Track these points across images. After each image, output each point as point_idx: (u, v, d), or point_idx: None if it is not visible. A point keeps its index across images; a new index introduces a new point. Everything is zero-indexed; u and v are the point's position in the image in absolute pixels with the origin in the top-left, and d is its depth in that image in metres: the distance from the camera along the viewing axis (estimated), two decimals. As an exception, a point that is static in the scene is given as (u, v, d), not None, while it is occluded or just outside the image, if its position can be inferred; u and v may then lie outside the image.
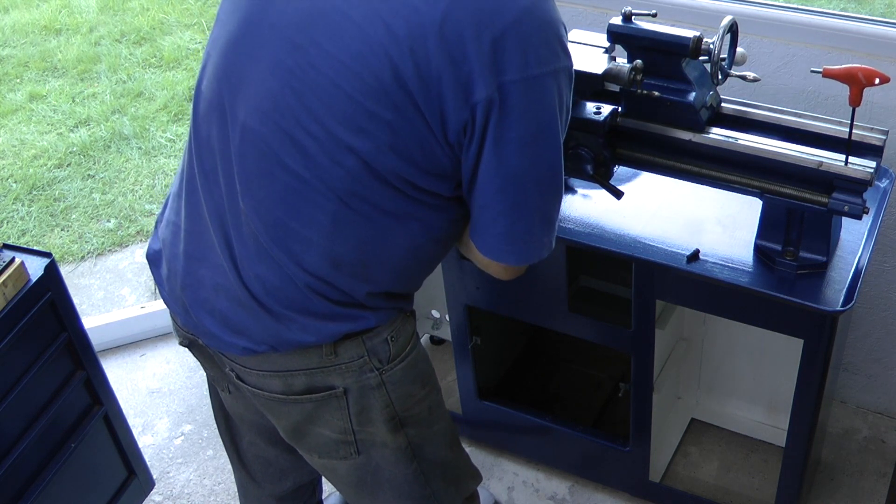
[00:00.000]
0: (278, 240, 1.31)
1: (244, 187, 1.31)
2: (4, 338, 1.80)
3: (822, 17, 2.01)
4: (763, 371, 2.23)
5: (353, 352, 1.39)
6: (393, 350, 1.42)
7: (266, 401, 1.46)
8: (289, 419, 1.47)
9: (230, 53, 1.32)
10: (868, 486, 2.29)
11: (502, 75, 1.18)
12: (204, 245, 1.39)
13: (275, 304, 1.35)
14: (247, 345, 1.38)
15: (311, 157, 1.25)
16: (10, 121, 4.11)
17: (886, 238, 2.16)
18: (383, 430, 1.47)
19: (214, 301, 1.39)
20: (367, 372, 1.41)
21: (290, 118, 1.25)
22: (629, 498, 2.28)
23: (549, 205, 1.33)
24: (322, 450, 1.50)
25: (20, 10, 5.08)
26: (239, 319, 1.37)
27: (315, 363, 1.39)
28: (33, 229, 3.46)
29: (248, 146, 1.30)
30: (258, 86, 1.27)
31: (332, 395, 1.41)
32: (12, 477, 1.87)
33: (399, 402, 1.46)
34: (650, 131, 1.72)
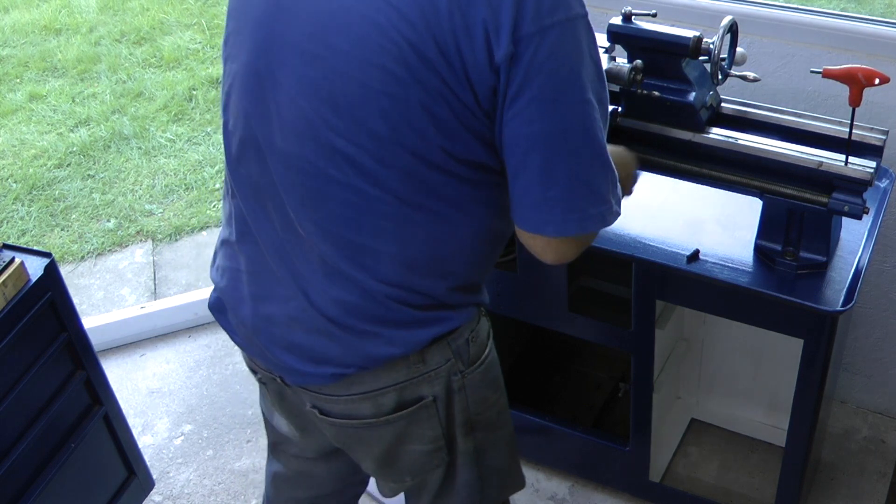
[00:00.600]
0: (348, 257, 1.28)
1: (299, 214, 1.28)
2: (4, 338, 1.80)
3: (822, 17, 2.01)
4: (763, 371, 2.23)
5: (440, 356, 1.37)
6: (472, 352, 1.41)
7: (356, 430, 1.42)
8: (380, 444, 1.44)
9: (250, 84, 1.29)
10: (868, 486, 2.29)
11: (518, 31, 1.14)
12: (268, 283, 1.36)
13: (357, 323, 1.31)
14: (334, 371, 1.34)
15: (360, 165, 1.22)
16: (10, 121, 4.11)
17: (886, 238, 2.16)
18: (458, 434, 1.46)
19: (290, 336, 1.36)
20: (452, 375, 1.39)
21: (328, 131, 1.22)
22: (629, 498, 2.28)
23: (587, 169, 1.22)
24: (415, 468, 1.47)
25: (20, 10, 5.08)
26: (321, 348, 1.34)
27: (404, 376, 1.36)
28: (33, 229, 3.46)
29: (293, 172, 1.26)
30: (288, 109, 1.24)
31: (422, 406, 1.39)
32: (12, 477, 1.87)
33: (474, 406, 1.45)
34: (650, 131, 1.72)
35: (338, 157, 1.22)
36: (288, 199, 1.29)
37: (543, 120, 1.18)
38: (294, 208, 1.28)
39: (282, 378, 1.43)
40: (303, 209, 1.27)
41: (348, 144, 1.21)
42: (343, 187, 1.24)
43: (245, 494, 2.40)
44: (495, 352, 1.48)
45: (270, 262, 1.35)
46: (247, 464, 2.47)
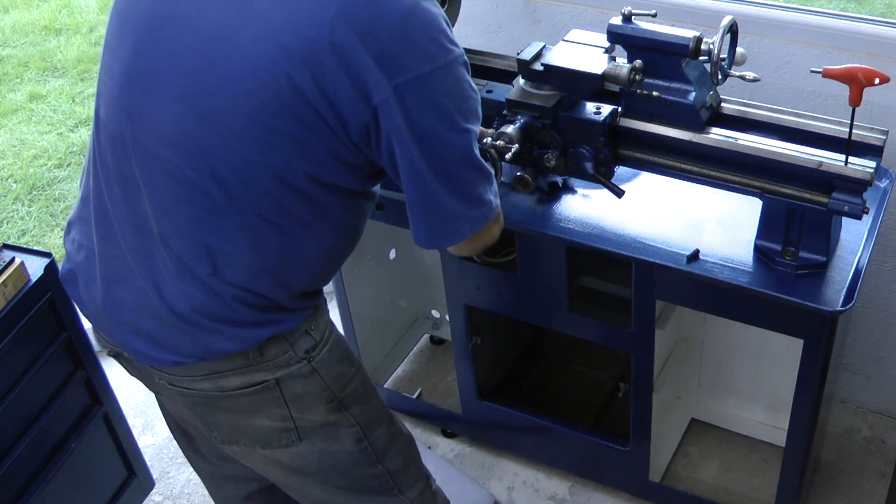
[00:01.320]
0: (201, 258, 1.35)
1: (160, 213, 1.35)
2: (4, 338, 1.80)
3: (822, 17, 2.01)
4: (763, 371, 2.23)
5: (276, 349, 1.43)
6: (315, 338, 1.47)
7: (200, 399, 1.49)
8: (226, 416, 1.50)
9: (126, 84, 1.34)
10: (868, 486, 2.29)
11: (395, 78, 1.24)
12: (121, 269, 1.42)
13: (201, 319, 1.38)
14: (176, 359, 1.42)
15: (225, 180, 1.29)
16: (10, 121, 4.11)
17: (886, 238, 2.16)
18: (325, 414, 1.51)
19: (138, 322, 1.42)
20: (293, 364, 1.45)
21: (200, 143, 1.28)
22: (629, 498, 2.28)
23: (472, 184, 1.36)
24: (264, 440, 1.52)
25: (20, 10, 5.08)
26: (166, 337, 1.41)
27: (242, 364, 1.43)
28: (33, 229, 3.46)
29: (159, 173, 1.33)
30: (163, 114, 1.30)
31: (264, 387, 1.45)
32: (13, 476, 1.87)
33: (335, 384, 1.50)
34: (650, 131, 1.72)
35: (205, 169, 1.30)
36: (151, 198, 1.35)
37: (433, 150, 1.30)
38: (156, 207, 1.35)
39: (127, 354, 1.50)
40: (164, 210, 1.34)
41: (217, 160, 1.29)
42: (205, 196, 1.31)
43: (245, 494, 2.40)
44: (337, 330, 1.55)
45: (126, 249, 1.40)
46: (247, 464, 2.47)
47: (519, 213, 1.88)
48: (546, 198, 1.91)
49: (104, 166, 1.41)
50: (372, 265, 2.41)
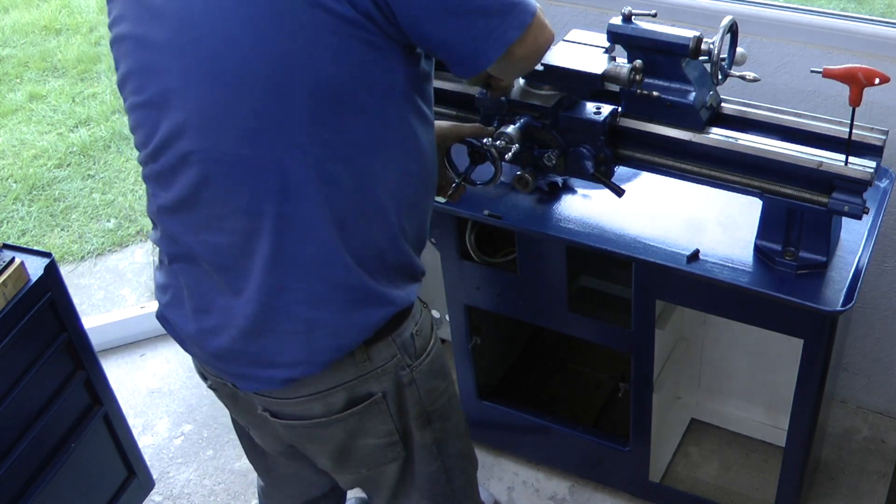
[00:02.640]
0: (279, 235, 1.27)
1: (220, 215, 1.29)
2: (4, 338, 1.80)
3: (822, 17, 2.01)
4: (763, 371, 2.23)
5: (385, 353, 1.39)
6: (418, 345, 1.43)
7: (307, 430, 1.44)
8: (333, 441, 1.46)
9: (144, 111, 1.31)
10: (868, 486, 2.29)
11: None
12: (208, 293, 1.37)
13: (301, 311, 1.32)
14: (284, 374, 1.36)
15: (272, 124, 1.22)
16: (10, 121, 4.11)
17: (886, 238, 2.16)
18: (413, 427, 1.49)
19: (236, 344, 1.36)
20: (399, 370, 1.42)
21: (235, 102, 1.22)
22: (629, 498, 2.28)
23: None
24: (370, 461, 1.50)
25: (20, 10, 5.08)
26: (268, 351, 1.35)
27: (352, 375, 1.38)
28: (33, 229, 3.46)
29: (212, 170, 1.27)
30: (194, 102, 1.24)
31: (372, 402, 1.42)
32: (12, 477, 1.87)
33: (427, 398, 1.47)
34: (650, 131, 1.72)
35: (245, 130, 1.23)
36: (212, 199, 1.28)
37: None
38: (219, 208, 1.28)
39: (233, 383, 1.45)
40: (224, 208, 1.28)
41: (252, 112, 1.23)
42: (259, 166, 1.25)
43: (245, 494, 2.40)
44: (439, 342, 1.52)
45: (211, 271, 1.35)
46: (247, 464, 2.47)
47: (519, 212, 1.88)
48: (546, 198, 1.91)
49: (170, 198, 1.33)
50: (372, 265, 2.41)
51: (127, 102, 1.35)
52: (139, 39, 1.29)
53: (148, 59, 1.28)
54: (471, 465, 1.67)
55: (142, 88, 1.30)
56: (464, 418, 1.62)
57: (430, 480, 1.56)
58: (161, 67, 1.26)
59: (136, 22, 1.29)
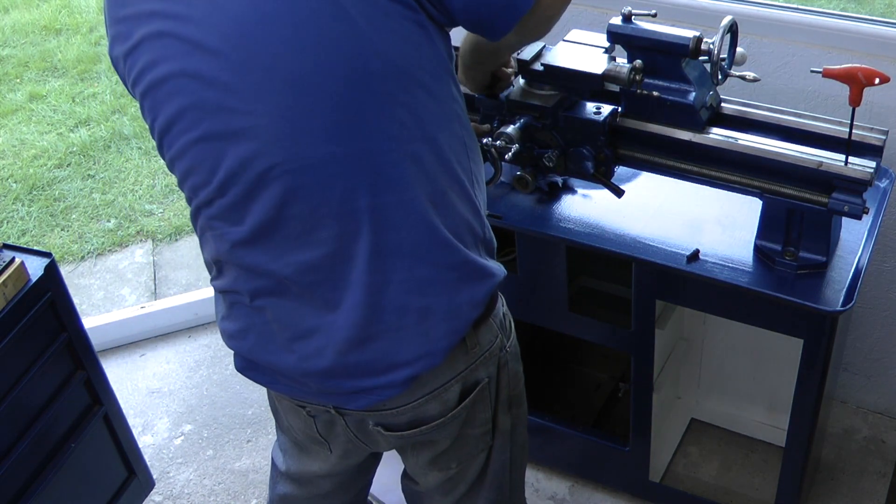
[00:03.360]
0: (376, 228, 1.25)
1: (313, 225, 1.25)
2: (4, 338, 1.80)
3: (822, 17, 2.01)
4: (763, 371, 2.23)
5: (489, 335, 1.40)
6: (507, 324, 1.45)
7: (424, 434, 1.42)
8: (447, 440, 1.45)
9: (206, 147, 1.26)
10: (868, 486, 2.29)
11: None
12: (302, 320, 1.32)
13: (411, 301, 1.29)
14: (404, 374, 1.32)
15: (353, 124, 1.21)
16: (10, 121, 4.11)
17: (886, 238, 2.16)
18: (501, 413, 1.49)
19: (346, 359, 1.32)
20: (500, 352, 1.43)
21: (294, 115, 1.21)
22: (629, 498, 2.28)
23: None
24: (464, 453, 1.49)
25: (20, 10, 5.08)
26: (382, 356, 1.32)
27: (463, 365, 1.38)
28: (33, 229, 3.46)
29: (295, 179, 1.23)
30: (260, 120, 1.21)
31: (480, 388, 1.42)
32: (12, 477, 1.87)
33: (513, 381, 1.49)
34: (650, 131, 1.72)
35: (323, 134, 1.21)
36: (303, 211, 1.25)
37: None
38: (311, 218, 1.25)
39: (335, 407, 1.41)
40: (315, 217, 1.24)
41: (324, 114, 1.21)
42: (344, 160, 1.23)
43: (245, 494, 2.40)
44: None
45: (298, 294, 1.30)
46: (247, 464, 2.47)
47: (519, 213, 1.88)
48: (546, 198, 1.91)
49: (233, 231, 1.30)
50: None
51: (177, 145, 1.28)
52: (190, 75, 1.22)
53: (204, 91, 1.21)
54: (526, 456, 1.67)
55: (199, 122, 1.23)
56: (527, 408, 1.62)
57: (501, 469, 1.55)
58: (222, 95, 1.21)
59: (181, 59, 1.22)
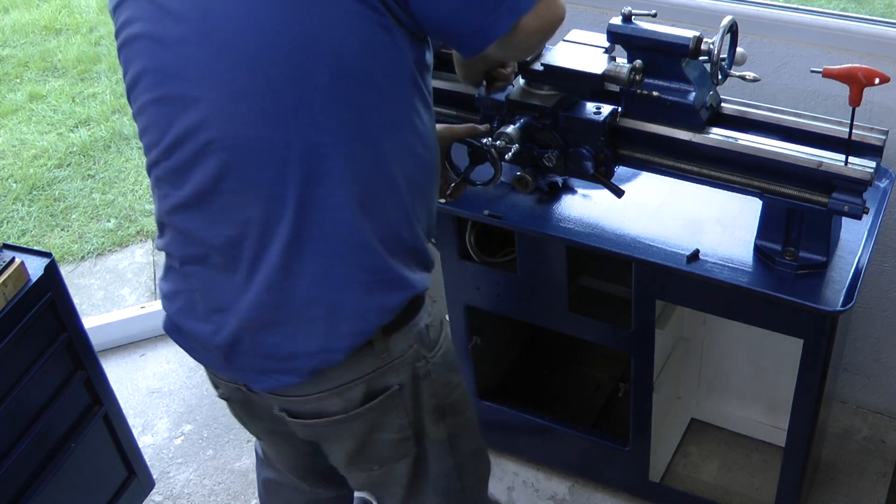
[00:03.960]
0: (301, 215, 1.27)
1: (239, 204, 1.28)
2: (4, 338, 1.80)
3: (822, 17, 2.01)
4: (763, 371, 2.23)
5: (403, 343, 1.40)
6: (433, 336, 1.44)
7: (326, 427, 1.44)
8: (351, 438, 1.46)
9: (163, 108, 1.30)
10: (868, 486, 2.29)
11: None
12: (224, 292, 1.35)
13: (323, 294, 1.31)
14: (306, 365, 1.35)
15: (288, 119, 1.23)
16: (10, 121, 4.11)
17: (886, 238, 2.16)
18: (428, 422, 1.49)
19: (255, 339, 1.36)
20: (416, 362, 1.42)
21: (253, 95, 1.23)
22: (629, 498, 2.28)
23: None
24: (384, 457, 1.50)
25: (20, 10, 5.08)
26: (288, 343, 1.34)
27: (370, 367, 1.38)
28: (33, 229, 3.46)
29: (232, 159, 1.26)
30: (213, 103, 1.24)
31: (389, 395, 1.42)
32: (13, 477, 1.87)
33: (441, 392, 1.48)
34: (650, 131, 1.72)
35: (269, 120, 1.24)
36: (228, 190, 1.28)
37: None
38: (238, 196, 1.28)
39: (246, 386, 1.44)
40: (244, 196, 1.27)
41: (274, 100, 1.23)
42: (282, 146, 1.25)
43: (245, 494, 2.40)
44: (450, 336, 1.52)
45: (223, 266, 1.33)
46: (247, 464, 2.47)
47: (519, 213, 1.88)
48: (546, 198, 1.91)
49: (174, 194, 1.33)
50: (372, 265, 2.41)
51: (138, 102, 1.33)
52: (155, 38, 1.28)
53: (165, 55, 1.27)
54: (483, 463, 1.67)
55: (157, 85, 1.29)
56: (476, 415, 1.62)
57: (443, 476, 1.56)
58: (180, 62, 1.26)
59: (150, 21, 1.28)
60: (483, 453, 1.66)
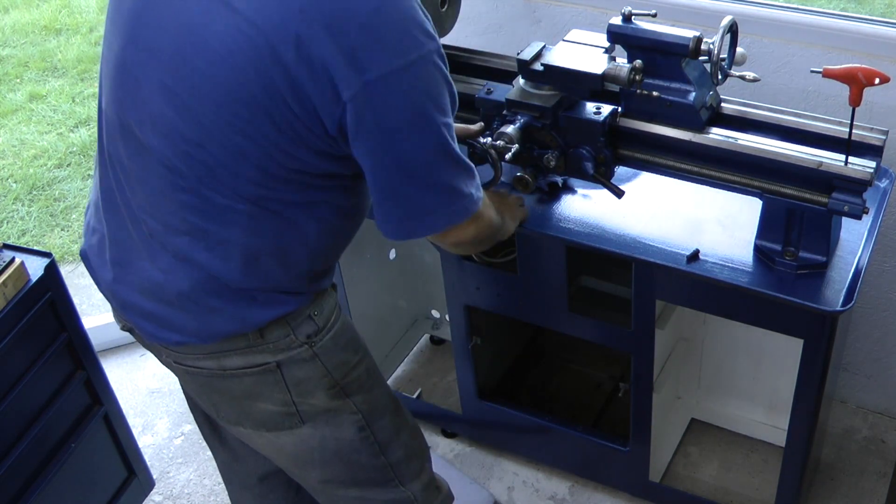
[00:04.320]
0: (199, 244, 1.36)
1: (153, 202, 1.37)
2: (4, 338, 1.81)
3: (822, 17, 2.01)
4: (763, 371, 2.23)
5: (278, 332, 1.45)
6: (319, 323, 1.48)
7: (206, 378, 1.51)
8: (230, 394, 1.51)
9: (118, 76, 1.35)
10: (868, 486, 2.29)
11: (365, 74, 1.21)
12: (128, 251, 1.45)
13: (202, 299, 1.40)
14: (180, 339, 1.45)
15: (213, 169, 1.30)
16: (10, 121, 4.11)
17: (886, 238, 2.16)
18: (326, 400, 1.52)
19: (143, 303, 1.45)
20: (295, 347, 1.46)
21: (185, 135, 1.29)
22: (629, 498, 2.28)
23: (449, 177, 1.34)
24: (269, 423, 1.54)
25: (20, 10, 5.08)
26: (170, 318, 1.44)
27: (244, 345, 1.44)
28: (33, 229, 3.46)
29: (154, 164, 1.34)
30: (151, 108, 1.31)
31: (266, 369, 1.47)
32: (13, 477, 1.87)
33: (336, 371, 1.51)
34: (650, 131, 1.72)
35: (193, 160, 1.30)
36: (145, 187, 1.37)
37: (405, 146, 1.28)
38: (150, 193, 1.36)
39: (136, 328, 1.53)
40: (159, 196, 1.35)
41: (201, 150, 1.29)
42: (197, 184, 1.32)
43: (245, 494, 2.40)
44: (346, 318, 1.55)
45: (133, 233, 1.42)
46: (247, 464, 2.47)
47: (519, 213, 1.88)
48: (546, 198, 1.91)
49: (109, 155, 1.43)
50: (372, 265, 2.41)
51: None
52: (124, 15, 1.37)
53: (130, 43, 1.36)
54: (410, 439, 1.67)
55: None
56: (390, 392, 1.65)
57: (357, 451, 1.58)
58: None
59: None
60: (405, 429, 1.67)
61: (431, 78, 1.28)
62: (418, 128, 1.28)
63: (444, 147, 1.31)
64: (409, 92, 1.25)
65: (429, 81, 1.27)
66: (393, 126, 1.26)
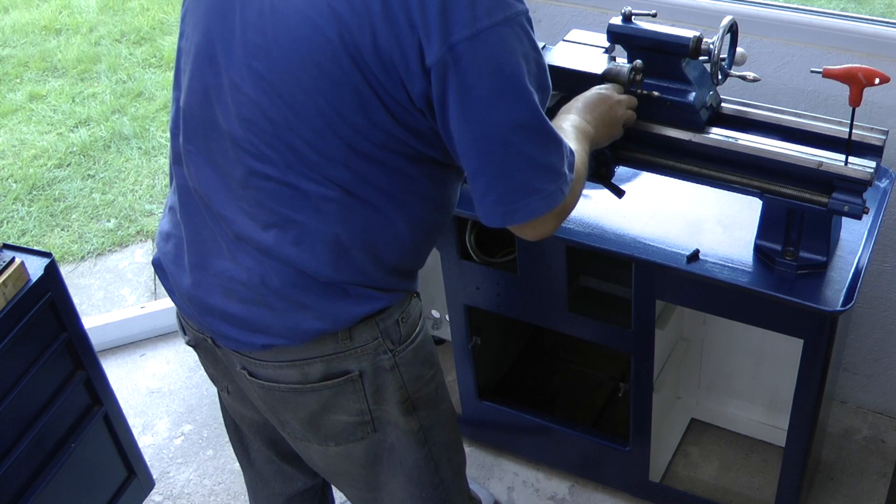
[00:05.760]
0: (286, 237, 1.33)
1: (238, 196, 1.34)
2: (4, 338, 1.80)
3: (822, 17, 2.01)
4: (763, 371, 2.23)
5: (367, 335, 1.41)
6: (403, 331, 1.45)
7: (282, 394, 1.46)
8: (306, 409, 1.47)
9: (201, 68, 1.33)
10: (868, 486, 2.29)
11: (451, 35, 1.16)
12: (209, 252, 1.41)
13: (291, 295, 1.36)
14: (265, 341, 1.39)
15: (302, 154, 1.27)
16: (10, 121, 4.11)
17: (886, 238, 2.16)
18: (396, 412, 1.49)
19: (226, 306, 1.40)
20: (381, 354, 1.43)
21: (273, 119, 1.27)
22: (629, 498, 2.28)
23: (542, 152, 1.26)
24: (339, 436, 1.50)
25: (20, 10, 5.08)
26: (255, 318, 1.38)
27: (331, 350, 1.40)
28: (33, 229, 3.46)
29: (240, 154, 1.31)
30: (237, 95, 1.29)
31: (348, 379, 1.43)
32: (13, 477, 1.87)
33: (411, 384, 1.48)
34: (650, 131, 1.72)
35: (281, 145, 1.27)
36: (232, 179, 1.34)
37: (496, 116, 1.21)
38: (236, 188, 1.33)
39: (212, 339, 1.48)
40: (245, 191, 1.32)
41: (290, 134, 1.26)
42: (285, 172, 1.29)
43: (245, 494, 2.40)
44: (428, 330, 1.53)
45: (215, 231, 1.39)
46: (247, 464, 2.47)
47: (519, 213, 1.88)
48: (546, 198, 1.91)
49: (189, 151, 1.39)
50: (372, 265, 2.41)
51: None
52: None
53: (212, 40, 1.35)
54: (458, 456, 1.67)
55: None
56: (452, 409, 1.63)
57: (418, 468, 1.56)
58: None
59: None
60: (458, 447, 1.66)
61: (520, 40, 1.21)
62: (511, 91, 1.20)
63: (537, 118, 1.23)
64: (498, 55, 1.18)
65: (517, 44, 1.20)
66: (479, 94, 1.19)
